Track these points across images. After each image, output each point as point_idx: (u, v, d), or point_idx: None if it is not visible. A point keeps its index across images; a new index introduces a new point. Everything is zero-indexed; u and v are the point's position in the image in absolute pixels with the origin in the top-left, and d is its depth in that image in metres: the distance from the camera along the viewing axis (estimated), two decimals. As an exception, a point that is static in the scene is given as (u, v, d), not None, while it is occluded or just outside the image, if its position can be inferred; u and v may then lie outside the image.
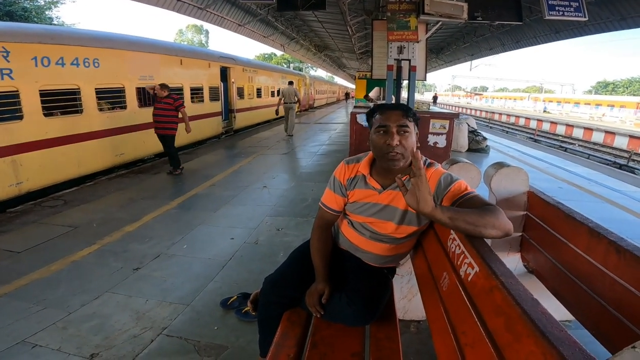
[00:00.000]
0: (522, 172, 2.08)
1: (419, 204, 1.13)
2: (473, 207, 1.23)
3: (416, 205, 1.14)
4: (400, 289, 2.20)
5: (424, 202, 1.13)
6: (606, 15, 8.55)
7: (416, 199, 1.14)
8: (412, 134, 1.38)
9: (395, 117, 1.37)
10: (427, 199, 1.13)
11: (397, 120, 1.36)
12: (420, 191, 1.12)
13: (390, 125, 1.36)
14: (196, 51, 11.06)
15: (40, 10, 25.89)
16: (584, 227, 1.52)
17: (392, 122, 1.36)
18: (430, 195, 1.14)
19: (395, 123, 1.36)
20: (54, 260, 3.15)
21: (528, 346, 0.69)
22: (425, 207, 1.13)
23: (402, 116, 1.37)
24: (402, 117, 1.37)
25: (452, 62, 22.16)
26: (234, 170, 6.67)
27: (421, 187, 1.12)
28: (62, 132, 5.42)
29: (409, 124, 1.37)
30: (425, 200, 1.13)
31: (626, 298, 1.22)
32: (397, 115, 1.37)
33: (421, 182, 1.12)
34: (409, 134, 1.37)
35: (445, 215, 1.15)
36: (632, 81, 60.11)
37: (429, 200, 1.13)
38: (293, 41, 17.65)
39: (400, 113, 1.38)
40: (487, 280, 0.93)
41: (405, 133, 1.36)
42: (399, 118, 1.37)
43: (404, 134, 1.36)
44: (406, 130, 1.36)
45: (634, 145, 16.98)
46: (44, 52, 5.02)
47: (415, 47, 6.23)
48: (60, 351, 2.07)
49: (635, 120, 26.16)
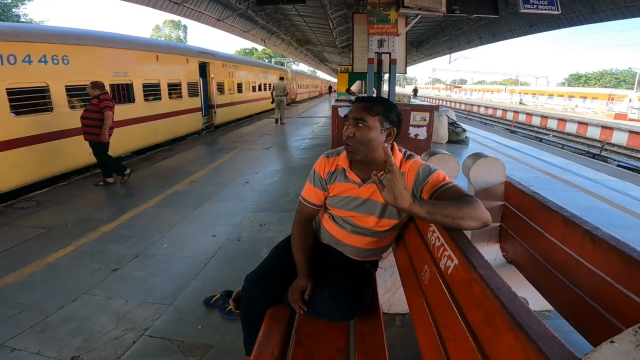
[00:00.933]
0: (499, 162, 2.11)
1: (396, 200, 1.13)
2: (451, 198, 1.24)
3: (393, 201, 1.14)
4: (384, 282, 2.21)
5: (401, 198, 1.12)
6: (578, 9, 8.78)
7: (393, 195, 1.13)
8: (371, 128, 1.36)
9: (355, 109, 1.39)
10: (403, 195, 1.12)
11: (356, 113, 1.38)
12: (396, 187, 1.12)
13: (350, 116, 1.39)
14: (173, 47, 10.82)
15: (7, 8, 24.94)
16: (559, 216, 1.54)
17: (352, 114, 1.39)
18: (407, 190, 1.14)
19: (353, 115, 1.38)
20: (28, 263, 3.03)
21: (507, 340, 0.69)
22: (402, 203, 1.13)
23: (362, 109, 1.37)
24: (361, 110, 1.37)
25: (432, 56, 22.39)
26: (215, 167, 6.57)
27: (396, 182, 1.12)
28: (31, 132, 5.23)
29: (368, 118, 1.36)
30: (402, 195, 1.12)
31: (602, 288, 1.23)
32: (357, 108, 1.39)
33: (396, 178, 1.12)
34: (365, 128, 1.36)
35: (423, 209, 1.14)
36: (604, 74, 62.17)
37: (406, 196, 1.13)
38: (274, 36, 17.43)
39: (361, 106, 1.38)
40: (466, 273, 0.93)
41: (361, 126, 1.36)
42: (357, 110, 1.38)
43: (360, 126, 1.36)
44: (363, 123, 1.36)
45: (606, 135, 17.59)
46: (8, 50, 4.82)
47: (396, 40, 6.25)
48: (39, 354, 2.02)
49: (607, 111, 27.11)
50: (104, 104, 4.93)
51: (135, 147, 7.79)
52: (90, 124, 4.97)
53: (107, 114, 4.95)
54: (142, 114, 7.80)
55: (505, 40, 12.96)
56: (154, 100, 8.34)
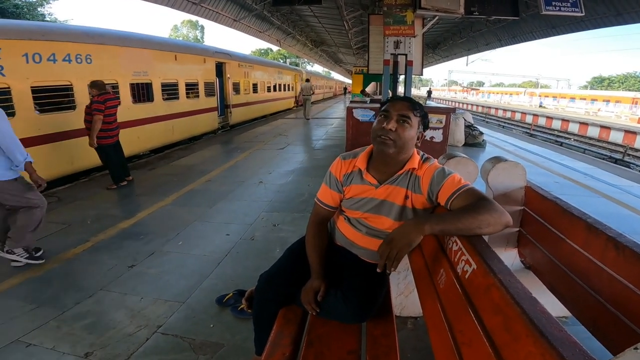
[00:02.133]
0: (520, 166, 2.07)
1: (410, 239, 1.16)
2: (467, 202, 1.22)
3: (409, 247, 1.16)
4: (397, 285, 2.18)
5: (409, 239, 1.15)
6: (602, 11, 8.54)
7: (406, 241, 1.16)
8: (412, 127, 1.37)
9: (399, 106, 1.38)
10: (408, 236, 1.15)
11: (400, 109, 1.37)
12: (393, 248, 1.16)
13: (392, 111, 1.37)
14: (191, 46, 10.98)
15: (32, 7, 25.74)
16: (582, 222, 1.50)
17: (395, 110, 1.37)
18: (411, 226, 1.17)
19: (398, 111, 1.36)
20: (48, 258, 3.11)
21: (527, 346, 0.67)
22: (415, 238, 1.15)
23: (407, 107, 1.38)
24: (406, 108, 1.37)
25: (449, 57, 22.12)
26: (230, 166, 6.63)
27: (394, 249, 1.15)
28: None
29: (412, 117, 1.37)
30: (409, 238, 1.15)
31: (624, 295, 1.20)
32: (402, 105, 1.38)
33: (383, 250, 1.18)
34: (408, 126, 1.36)
35: (435, 229, 1.16)
36: (628, 77, 60.38)
37: (413, 233, 1.15)
38: (289, 36, 17.52)
39: (406, 104, 1.39)
40: (485, 278, 0.91)
41: (404, 123, 1.36)
42: (403, 107, 1.37)
43: (403, 123, 1.35)
44: (406, 120, 1.36)
45: (629, 140, 17.04)
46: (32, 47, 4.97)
47: (412, 41, 6.19)
48: (54, 350, 2.05)
49: (630, 115, 26.27)
50: (94, 107, 4.72)
51: (153, 145, 7.93)
52: (89, 127, 4.85)
53: (95, 117, 4.71)
54: (160, 113, 7.95)
55: (525, 42, 12.71)
56: (172, 99, 8.48)
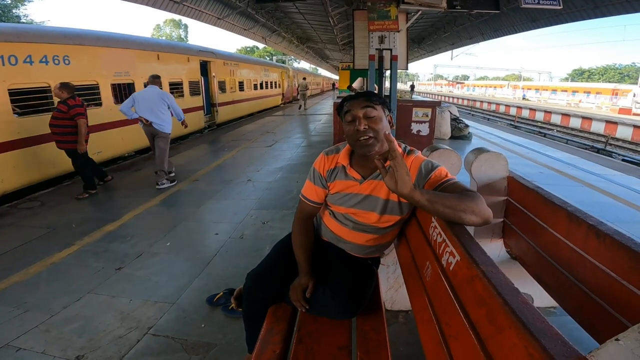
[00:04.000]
0: (502, 157, 2.09)
1: (398, 185, 1.12)
2: (453, 193, 1.23)
3: (394, 186, 1.13)
4: (386, 279, 2.20)
5: (403, 183, 1.12)
6: (580, 4, 8.69)
7: (394, 181, 1.13)
8: (381, 117, 1.38)
9: (359, 104, 1.38)
10: (405, 180, 1.12)
11: (362, 107, 1.37)
12: (398, 172, 1.11)
13: (356, 112, 1.38)
14: (174, 46, 10.81)
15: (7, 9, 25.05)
16: (563, 211, 1.52)
17: (358, 110, 1.38)
18: (409, 176, 1.13)
19: (361, 110, 1.37)
20: (33, 262, 3.05)
21: (510, 338, 0.68)
22: (403, 188, 1.12)
23: (366, 102, 1.38)
24: (365, 102, 1.38)
25: (434, 52, 22.23)
26: (217, 165, 6.57)
27: (398, 168, 1.11)
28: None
29: (376, 107, 1.38)
30: (404, 181, 1.12)
31: (607, 284, 1.22)
32: (361, 102, 1.39)
33: (398, 163, 1.11)
34: (377, 118, 1.37)
35: (424, 197, 1.14)
36: (607, 68, 61.71)
37: (407, 182, 1.12)
38: (275, 34, 17.35)
39: (363, 99, 1.39)
40: (468, 270, 0.92)
41: (372, 117, 1.36)
42: (362, 104, 1.38)
43: (371, 117, 1.36)
44: (372, 113, 1.36)
45: (611, 130, 17.48)
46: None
47: (396, 36, 6.20)
48: (45, 354, 2.03)
49: (611, 105, 26.91)
50: (74, 111, 4.44)
51: (138, 146, 7.80)
52: (62, 132, 4.52)
53: (80, 122, 4.48)
54: (144, 114, 7.79)
55: (507, 35, 12.84)
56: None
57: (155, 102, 5.07)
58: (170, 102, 5.22)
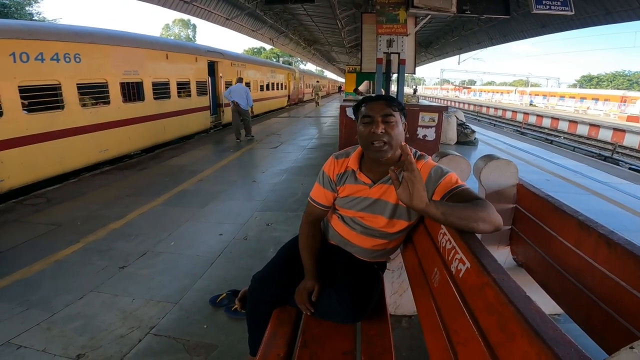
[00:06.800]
0: (512, 164, 2.08)
1: (413, 200, 1.10)
2: (463, 200, 1.21)
3: (409, 200, 1.11)
4: (391, 284, 2.18)
5: (419, 198, 1.10)
6: (592, 10, 8.63)
7: (409, 194, 1.10)
8: (398, 123, 1.36)
9: (379, 107, 1.36)
10: (421, 195, 1.10)
11: (381, 110, 1.35)
12: (415, 186, 1.09)
13: (374, 115, 1.36)
14: (182, 45, 10.90)
15: (20, 6, 25.42)
16: (574, 220, 1.51)
17: (376, 112, 1.36)
18: (425, 190, 1.11)
19: (380, 112, 1.35)
20: (37, 259, 3.06)
21: (522, 346, 0.67)
22: (419, 203, 1.10)
23: (386, 106, 1.36)
24: (385, 106, 1.36)
25: (441, 56, 22.21)
26: (222, 165, 6.59)
27: (415, 182, 1.09)
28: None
29: (394, 113, 1.36)
30: (420, 196, 1.09)
31: (617, 293, 1.21)
32: (381, 105, 1.37)
33: (415, 177, 1.09)
34: (394, 124, 1.35)
35: (439, 211, 1.12)
36: (616, 75, 61.24)
37: (424, 196, 1.10)
38: (282, 35, 17.42)
39: (384, 103, 1.37)
40: (479, 277, 0.91)
41: (390, 122, 1.35)
42: (382, 108, 1.36)
43: (389, 123, 1.35)
44: (391, 119, 1.35)
45: (618, 137, 17.32)
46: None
47: (405, 40, 6.20)
48: (45, 352, 2.03)
49: (619, 113, 26.67)
50: None
51: (144, 145, 7.85)
52: None
53: None
54: (151, 113, 7.87)
55: (516, 41, 12.81)
56: (163, 98, 8.40)
57: (241, 92, 8.62)
58: (247, 94, 8.69)
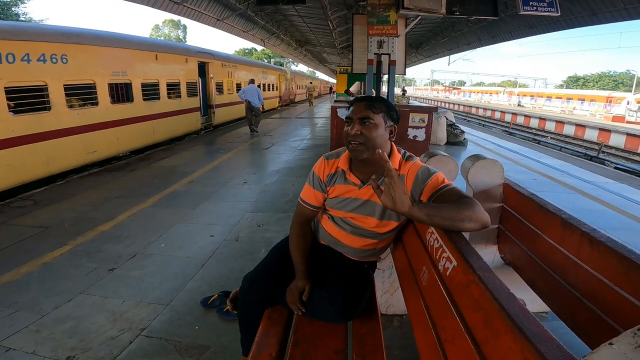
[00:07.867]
0: (498, 164, 2.11)
1: (396, 204, 1.12)
2: (450, 200, 1.24)
3: (393, 205, 1.13)
4: (382, 283, 2.21)
5: (400, 202, 1.11)
6: (578, 11, 8.79)
7: (392, 199, 1.12)
8: (377, 126, 1.37)
9: (359, 109, 1.38)
10: (402, 199, 1.11)
11: (360, 112, 1.37)
12: (395, 191, 1.11)
13: (353, 115, 1.38)
14: (172, 46, 10.82)
15: (7, 7, 25.00)
16: (558, 218, 1.54)
17: (356, 113, 1.38)
18: (406, 194, 1.13)
19: (358, 114, 1.37)
20: (24, 262, 3.02)
21: (506, 342, 0.69)
22: (402, 207, 1.12)
23: (366, 107, 1.37)
24: (365, 108, 1.37)
25: (431, 57, 22.41)
26: (213, 166, 6.56)
27: (395, 187, 1.10)
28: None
29: (373, 116, 1.37)
30: (401, 199, 1.11)
31: (600, 290, 1.23)
32: (361, 107, 1.38)
33: (394, 182, 1.10)
34: (372, 125, 1.36)
35: (422, 212, 1.14)
36: (602, 76, 62.37)
37: (405, 200, 1.12)
38: (273, 36, 17.40)
39: (364, 105, 1.39)
40: (465, 275, 0.93)
41: (367, 124, 1.36)
42: (362, 109, 1.38)
43: (366, 124, 1.36)
44: (369, 121, 1.36)
45: (604, 137, 17.64)
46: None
47: (395, 41, 6.25)
48: (35, 354, 2.01)
49: (604, 113, 27.18)
50: None
51: (134, 146, 7.77)
52: None
53: None
54: (140, 114, 7.79)
55: (504, 42, 12.99)
56: (152, 99, 8.32)
57: (253, 92, 10.07)
58: (259, 93, 10.19)
